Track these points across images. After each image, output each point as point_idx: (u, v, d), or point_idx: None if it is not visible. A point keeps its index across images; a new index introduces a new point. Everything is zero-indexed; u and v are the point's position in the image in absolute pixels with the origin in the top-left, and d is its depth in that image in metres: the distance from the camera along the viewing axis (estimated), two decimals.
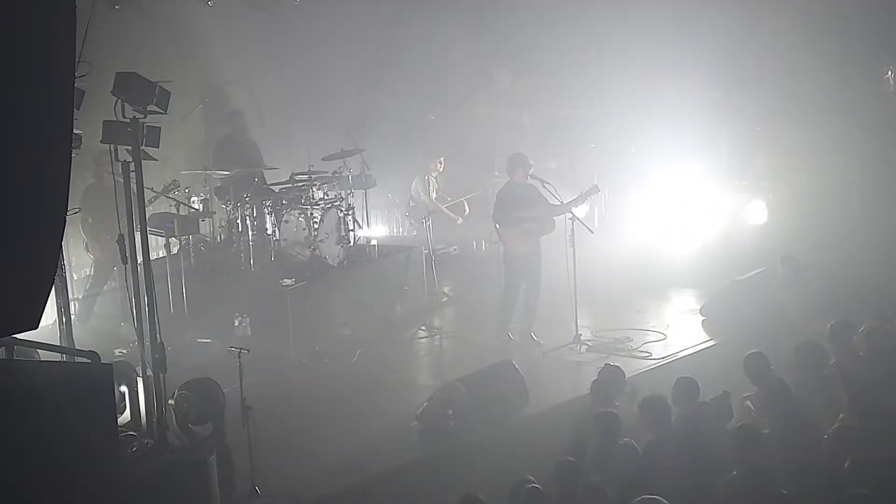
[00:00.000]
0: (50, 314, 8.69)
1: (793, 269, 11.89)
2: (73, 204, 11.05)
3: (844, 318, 9.72)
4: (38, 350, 8.47)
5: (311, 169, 12.77)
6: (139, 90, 8.20)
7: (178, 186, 12.11)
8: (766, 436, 7.85)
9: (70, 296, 9.48)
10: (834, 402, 8.37)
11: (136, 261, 8.41)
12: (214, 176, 13.02)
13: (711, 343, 11.53)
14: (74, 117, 5.91)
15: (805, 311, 11.14)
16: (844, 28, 12.98)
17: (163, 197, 12.09)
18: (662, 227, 14.35)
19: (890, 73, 13.30)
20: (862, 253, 13.19)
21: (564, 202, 11.35)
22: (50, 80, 4.78)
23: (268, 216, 12.39)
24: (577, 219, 11.28)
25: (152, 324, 8.24)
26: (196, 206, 12.88)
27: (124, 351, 10.81)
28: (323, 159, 13.42)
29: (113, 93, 8.18)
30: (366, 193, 13.94)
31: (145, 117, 8.25)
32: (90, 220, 11.87)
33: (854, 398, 8.28)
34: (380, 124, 15.70)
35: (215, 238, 13.15)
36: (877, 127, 13.13)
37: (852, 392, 8.35)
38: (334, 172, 13.23)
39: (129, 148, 8.26)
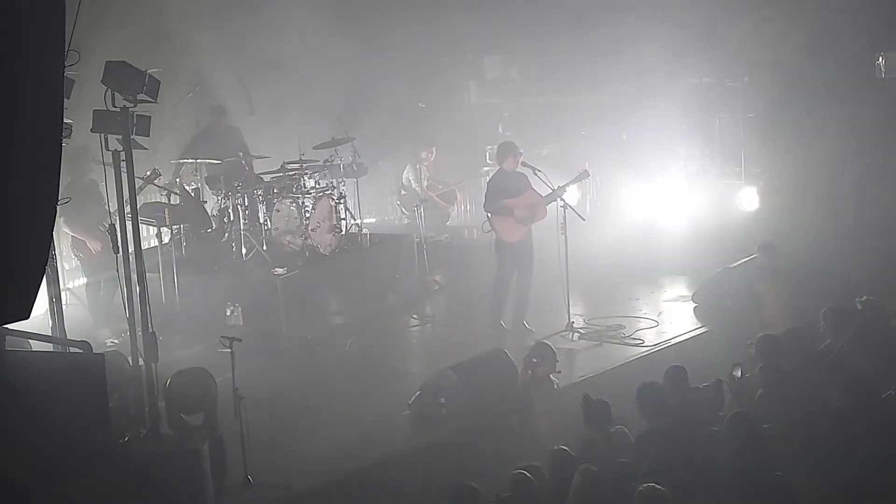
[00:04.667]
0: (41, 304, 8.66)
1: (769, 256, 11.78)
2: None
3: (838, 303, 9.72)
4: (30, 340, 8.45)
5: (303, 158, 12.73)
6: (129, 79, 8.13)
7: (160, 175, 12.00)
8: (762, 422, 7.87)
9: (61, 285, 9.43)
10: (828, 386, 8.37)
11: (128, 250, 8.37)
12: (204, 165, 12.96)
13: (703, 330, 11.55)
14: (65, 106, 5.86)
15: (787, 298, 11.09)
16: (835, 14, 12.96)
17: (153, 186, 12.02)
18: (654, 215, 14.36)
19: (881, 59, 13.29)
20: (854, 239, 13.22)
21: (555, 188, 11.33)
22: (40, 69, 4.75)
23: (259, 205, 12.36)
24: (569, 206, 11.26)
25: (144, 313, 8.21)
26: None
27: (116, 341, 10.79)
28: (314, 148, 13.39)
29: (102, 82, 8.12)
30: (357, 182, 13.92)
31: (135, 106, 8.20)
32: (75, 218, 11.62)
33: (848, 383, 8.28)
34: (371, 113, 15.66)
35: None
36: (868, 113, 13.12)
37: (846, 376, 8.34)
38: (325, 161, 13.21)
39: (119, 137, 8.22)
